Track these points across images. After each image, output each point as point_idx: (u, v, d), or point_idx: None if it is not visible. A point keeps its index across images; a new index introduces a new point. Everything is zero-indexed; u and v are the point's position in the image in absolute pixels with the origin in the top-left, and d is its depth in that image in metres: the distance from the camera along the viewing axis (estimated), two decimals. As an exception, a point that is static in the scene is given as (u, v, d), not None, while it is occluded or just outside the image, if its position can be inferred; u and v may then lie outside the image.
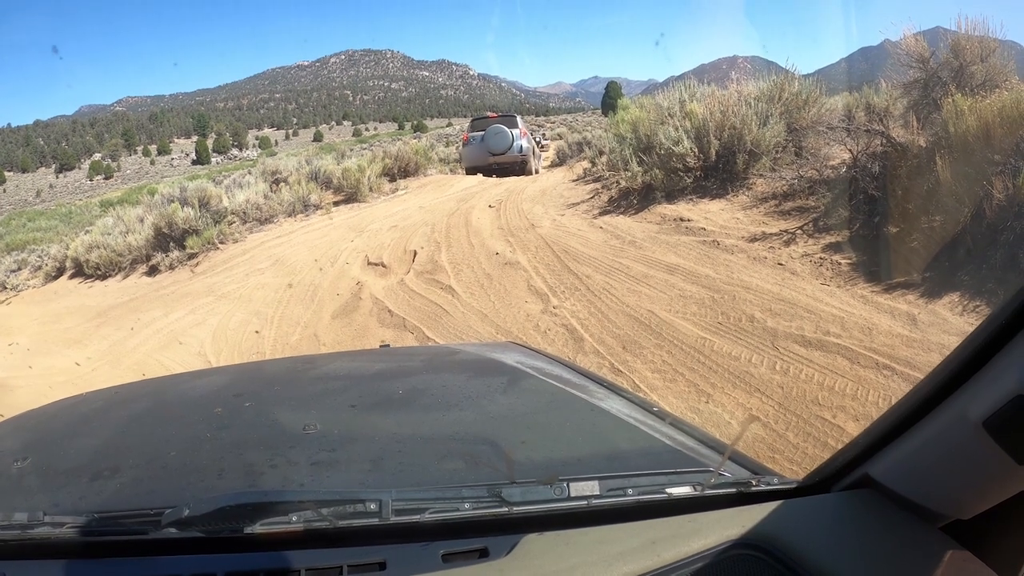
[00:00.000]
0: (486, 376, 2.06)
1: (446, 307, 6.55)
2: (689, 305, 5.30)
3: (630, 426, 1.57)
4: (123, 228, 14.19)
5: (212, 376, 2.64)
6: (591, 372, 2.07)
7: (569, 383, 1.88)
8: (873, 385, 3.86)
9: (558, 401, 1.77)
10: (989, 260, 4.64)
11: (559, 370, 2.04)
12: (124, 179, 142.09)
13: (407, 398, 1.81)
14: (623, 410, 1.66)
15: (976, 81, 6.42)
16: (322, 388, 2.01)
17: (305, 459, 1.41)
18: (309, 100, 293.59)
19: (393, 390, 1.91)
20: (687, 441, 1.49)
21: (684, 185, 7.93)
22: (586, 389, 1.83)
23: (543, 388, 1.86)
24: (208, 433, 1.63)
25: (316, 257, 9.79)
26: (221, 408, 1.83)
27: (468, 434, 1.57)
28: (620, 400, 1.75)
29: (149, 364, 7.06)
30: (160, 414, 1.92)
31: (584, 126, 45.41)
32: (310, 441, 1.49)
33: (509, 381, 1.95)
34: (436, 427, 1.62)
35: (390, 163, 16.64)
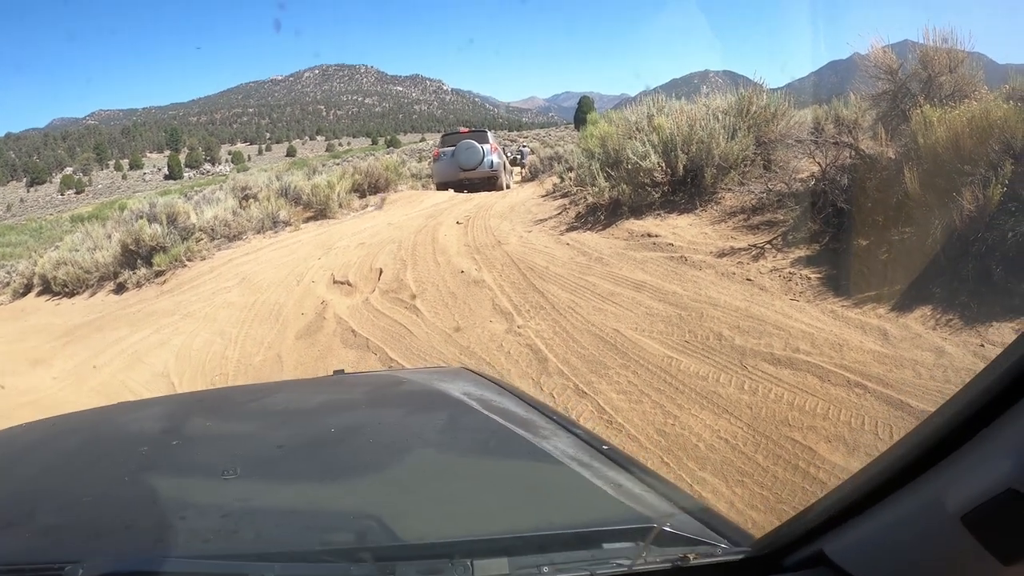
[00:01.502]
0: (425, 412, 1.97)
1: (410, 327, 6.41)
2: (656, 323, 5.18)
3: (570, 472, 1.43)
4: (91, 244, 13.96)
5: (148, 409, 2.54)
6: (541, 404, 1.95)
7: (514, 418, 1.77)
8: (844, 404, 3.75)
9: (496, 442, 1.66)
10: (961, 272, 4.56)
11: (507, 402, 1.93)
12: (95, 194, 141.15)
13: (337, 438, 1.72)
14: (568, 450, 1.53)
15: (945, 92, 6.39)
16: (255, 425, 1.95)
17: (216, 510, 1.31)
18: (283, 115, 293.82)
19: (326, 429, 1.81)
20: (634, 488, 1.35)
21: (652, 200, 7.83)
22: (532, 425, 1.71)
23: (483, 426, 1.75)
24: (127, 477, 1.54)
25: (282, 275, 9.65)
26: (148, 447, 1.75)
27: (382, 491, 1.45)
28: (567, 437, 1.62)
29: (113, 385, 6.90)
30: (87, 453, 1.83)
31: (557, 141, 45.55)
32: (227, 489, 1.41)
33: (448, 418, 1.87)
34: (352, 479, 1.50)
35: (360, 179, 16.57)
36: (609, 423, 4.07)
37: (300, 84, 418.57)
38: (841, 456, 3.36)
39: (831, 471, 3.27)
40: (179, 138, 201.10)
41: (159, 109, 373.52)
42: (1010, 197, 4.51)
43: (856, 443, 3.43)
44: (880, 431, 3.47)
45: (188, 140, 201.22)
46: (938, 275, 4.68)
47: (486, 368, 5.14)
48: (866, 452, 3.35)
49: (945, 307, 4.45)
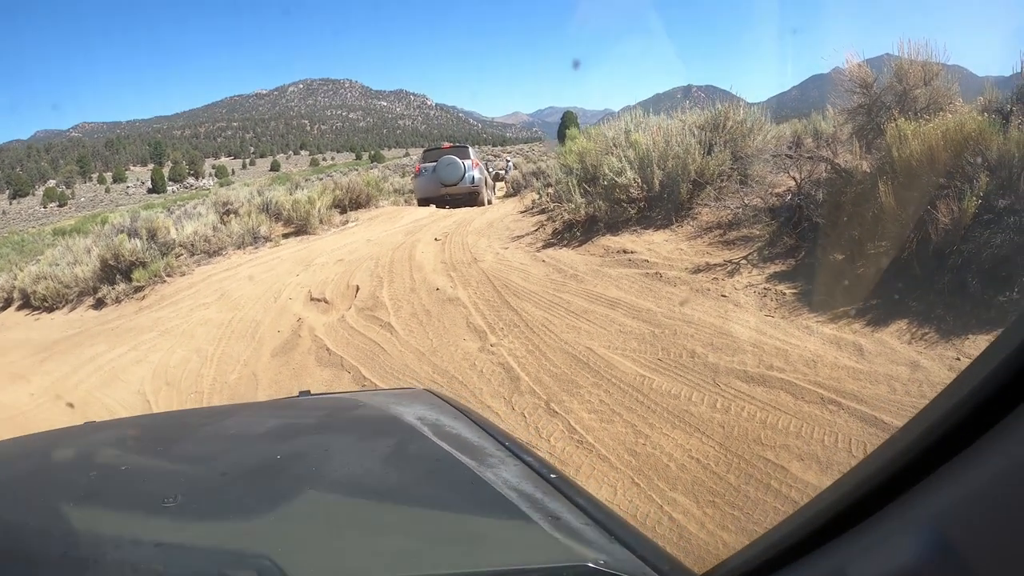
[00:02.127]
0: (373, 439, 1.92)
1: (384, 345, 6.31)
2: (629, 341, 5.10)
3: (509, 506, 1.36)
4: (71, 259, 13.92)
5: (105, 432, 2.43)
6: (495, 429, 1.89)
7: (463, 444, 1.72)
8: (818, 421, 3.68)
9: (438, 473, 1.60)
10: (937, 285, 4.55)
11: (460, 426, 1.89)
12: (78, 207, 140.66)
13: (280, 467, 1.66)
14: (511, 479, 1.47)
15: (920, 104, 6.39)
16: (204, 450, 1.90)
17: (151, 540, 1.27)
18: (267, 129, 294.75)
19: (272, 455, 1.75)
20: (574, 521, 1.29)
21: (628, 216, 7.79)
22: (480, 452, 1.67)
23: (430, 453, 1.70)
24: (72, 503, 1.50)
25: (260, 292, 9.58)
26: (97, 472, 1.72)
27: (308, 525, 1.38)
28: (515, 466, 1.57)
29: (91, 402, 6.81)
30: (38, 478, 1.79)
31: (540, 156, 45.74)
32: (165, 517, 1.36)
33: (395, 445, 1.81)
34: (284, 511, 1.44)
35: (341, 195, 16.55)
36: (580, 443, 3.99)
37: (285, 98, 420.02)
38: (814, 475, 3.30)
39: (803, 490, 3.20)
40: (163, 152, 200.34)
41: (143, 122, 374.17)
42: (985, 209, 4.50)
43: (830, 461, 3.37)
44: (854, 449, 3.41)
45: (172, 154, 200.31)
46: (914, 288, 4.66)
47: (458, 387, 5.08)
48: (839, 470, 3.29)
49: (921, 321, 4.42)
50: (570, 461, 3.85)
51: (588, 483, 3.61)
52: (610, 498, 3.47)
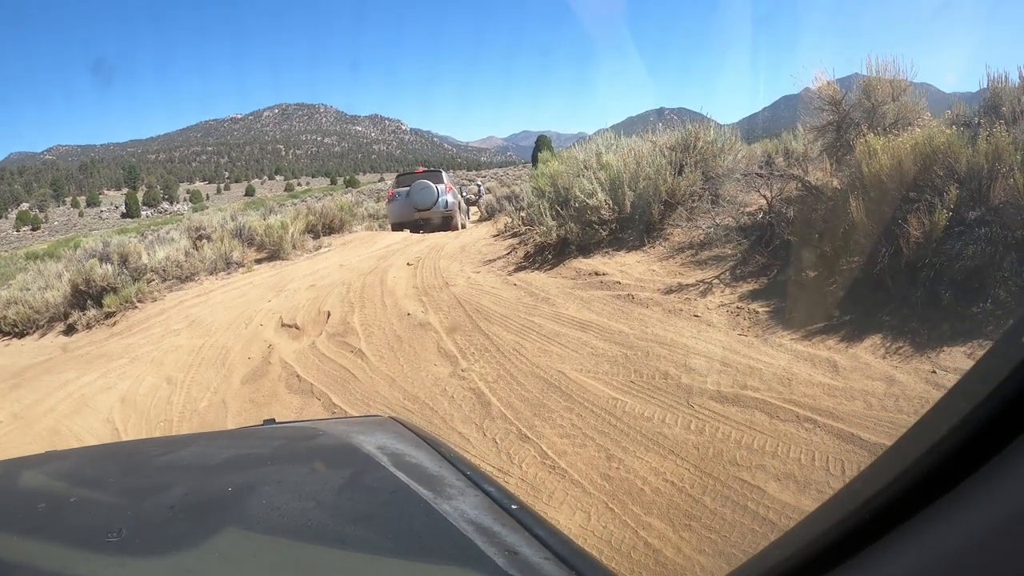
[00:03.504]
0: (329, 470, 1.86)
1: (355, 372, 6.22)
2: (601, 364, 5.03)
3: (463, 539, 1.29)
4: (43, 283, 13.70)
5: (61, 462, 2.36)
6: (457, 458, 1.82)
7: (422, 475, 1.66)
8: (794, 440, 3.62)
9: (392, 504, 1.52)
10: (910, 298, 4.54)
11: (421, 456, 1.83)
12: (52, 231, 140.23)
13: (230, 500, 1.60)
14: (469, 511, 1.41)
15: (888, 120, 6.45)
16: (157, 481, 1.83)
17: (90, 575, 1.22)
18: (242, 154, 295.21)
19: (223, 488, 1.70)
20: (532, 556, 1.22)
21: (600, 238, 7.76)
22: (439, 482, 1.60)
23: (385, 485, 1.62)
24: (16, 535, 1.45)
25: (232, 318, 9.46)
26: (46, 504, 1.66)
27: (246, 568, 1.31)
28: (475, 496, 1.51)
29: (60, 430, 6.65)
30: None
31: (514, 180, 45.99)
32: (106, 553, 1.30)
33: (350, 477, 1.75)
34: (225, 548, 1.37)
35: (314, 220, 16.46)
36: (552, 468, 3.91)
37: (260, 123, 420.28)
38: (791, 495, 3.23)
39: (781, 511, 3.13)
40: (137, 176, 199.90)
41: (118, 146, 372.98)
42: (956, 221, 4.52)
43: (807, 480, 3.30)
44: (831, 467, 3.35)
45: (146, 178, 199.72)
46: (887, 303, 4.66)
47: (429, 413, 5.00)
48: (817, 489, 3.23)
49: (895, 335, 4.41)
50: (543, 487, 3.76)
51: (561, 509, 3.53)
52: (584, 524, 3.39)
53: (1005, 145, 4.59)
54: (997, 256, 4.27)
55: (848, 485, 0.77)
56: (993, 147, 4.63)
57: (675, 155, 8.15)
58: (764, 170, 7.61)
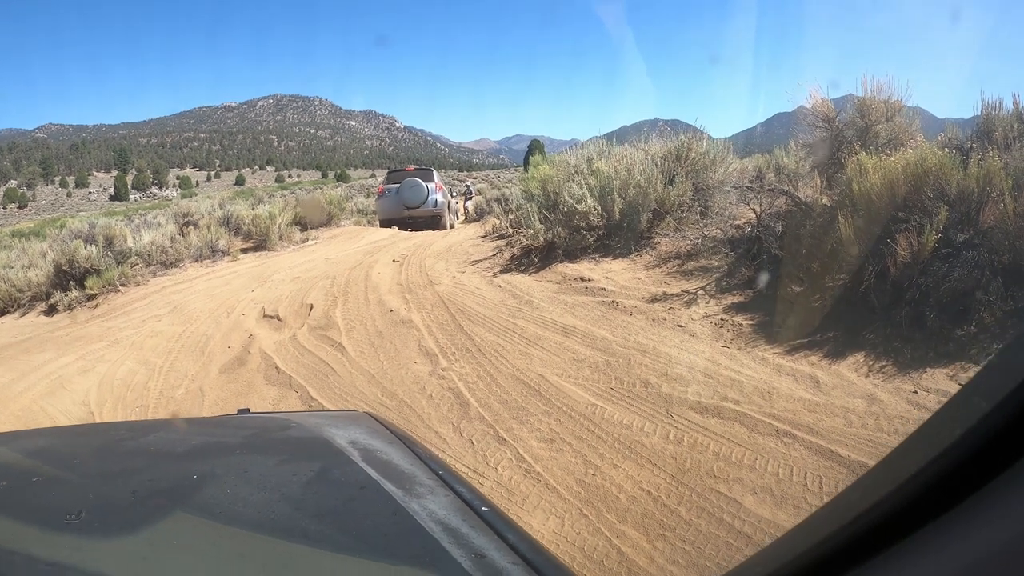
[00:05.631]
0: (298, 462, 1.81)
1: (334, 366, 6.18)
2: (582, 369, 5.01)
3: (429, 539, 1.26)
4: (26, 262, 13.57)
5: (28, 440, 2.34)
6: (429, 456, 1.79)
7: (393, 472, 1.63)
8: (772, 454, 3.60)
9: (360, 499, 1.50)
10: (894, 318, 4.53)
11: (393, 452, 1.80)
12: (39, 210, 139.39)
13: (193, 487, 1.57)
14: (438, 512, 1.38)
15: (881, 140, 6.47)
16: (122, 465, 1.80)
17: (47, 557, 1.19)
18: (234, 142, 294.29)
19: (188, 475, 1.66)
20: (499, 560, 1.19)
21: (587, 244, 7.76)
22: (410, 480, 1.58)
23: (354, 480, 1.60)
24: None
25: (214, 306, 9.40)
26: (8, 482, 1.63)
27: (206, 557, 1.27)
28: (445, 497, 1.48)
29: (34, 411, 6.58)
30: None
31: (505, 182, 46.04)
32: (63, 535, 1.28)
33: (319, 470, 1.70)
34: (181, 538, 1.34)
35: (302, 212, 16.38)
36: (528, 472, 3.87)
37: (254, 112, 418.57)
38: (768, 509, 3.20)
39: (756, 524, 3.10)
40: (128, 159, 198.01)
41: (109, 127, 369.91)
42: (944, 243, 4.51)
43: (784, 495, 3.28)
44: (809, 482, 3.33)
45: (137, 162, 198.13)
46: (872, 321, 4.66)
47: (407, 411, 4.95)
48: (793, 504, 3.20)
49: (878, 354, 4.40)
50: (517, 491, 3.73)
51: (535, 514, 3.50)
52: (557, 530, 3.35)
53: (996, 170, 4.60)
54: (983, 280, 4.26)
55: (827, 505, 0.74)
56: (985, 171, 4.63)
57: (667, 165, 8.15)
58: (755, 184, 7.61)
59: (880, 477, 0.72)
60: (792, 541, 0.83)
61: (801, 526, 0.84)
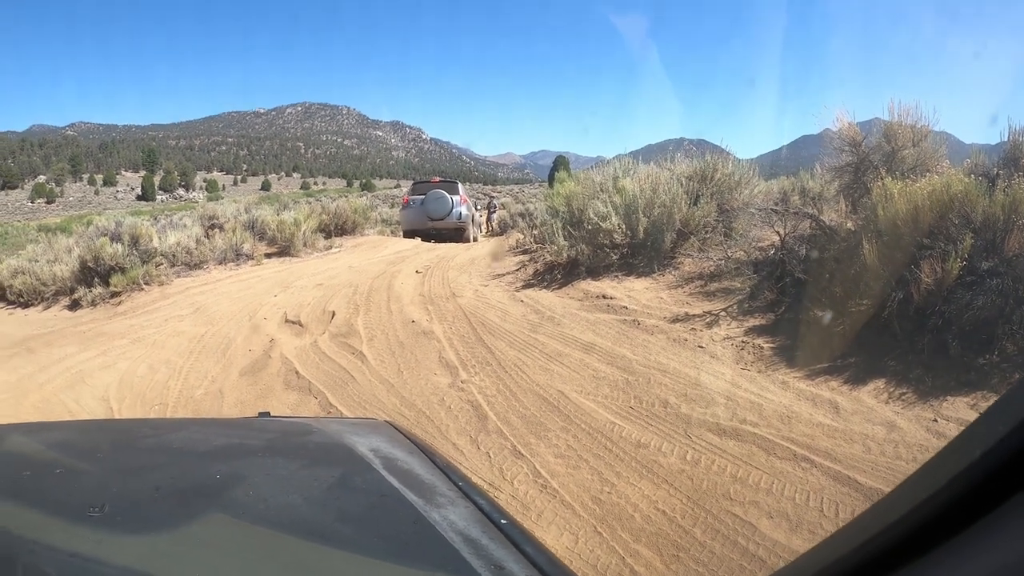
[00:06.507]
0: (320, 467, 1.84)
1: (354, 373, 6.21)
2: (602, 387, 5.01)
3: (449, 549, 1.27)
4: (52, 256, 13.81)
5: (50, 432, 2.38)
6: (450, 467, 1.80)
7: (414, 482, 1.63)
8: (789, 478, 3.59)
9: (382, 507, 1.52)
10: (916, 345, 4.52)
11: (414, 462, 1.80)
12: (66, 205, 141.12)
13: (218, 487, 1.59)
14: (458, 522, 1.39)
15: (907, 165, 6.43)
16: (144, 462, 1.83)
17: (68, 548, 1.22)
18: (261, 148, 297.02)
19: (211, 474, 1.68)
20: (518, 572, 1.20)
21: (610, 262, 7.78)
22: (430, 490, 1.58)
23: (375, 488, 1.62)
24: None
25: (236, 309, 9.47)
26: (31, 472, 1.68)
27: (229, 555, 1.30)
28: (465, 508, 1.49)
29: (53, 403, 6.66)
30: None
31: (529, 197, 46.06)
32: (86, 527, 1.30)
33: (341, 477, 1.72)
34: (205, 535, 1.37)
35: (327, 220, 16.58)
36: (544, 487, 3.88)
37: (282, 119, 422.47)
38: (783, 533, 3.19)
39: (771, 548, 3.09)
40: (156, 160, 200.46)
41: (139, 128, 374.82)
42: (968, 271, 4.49)
43: (799, 520, 3.27)
44: (825, 508, 3.32)
45: (165, 163, 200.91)
46: (893, 348, 4.64)
47: (425, 422, 4.97)
48: (809, 529, 3.19)
49: (899, 380, 4.38)
50: (532, 505, 3.73)
51: (549, 529, 3.50)
52: (571, 546, 3.36)
53: (1023, 197, 4.57)
54: (1007, 308, 4.24)
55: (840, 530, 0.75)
56: (1011, 198, 4.61)
57: (692, 185, 8.15)
58: (779, 207, 7.59)
59: (897, 498, 0.74)
60: (806, 562, 0.84)
61: (813, 550, 0.86)
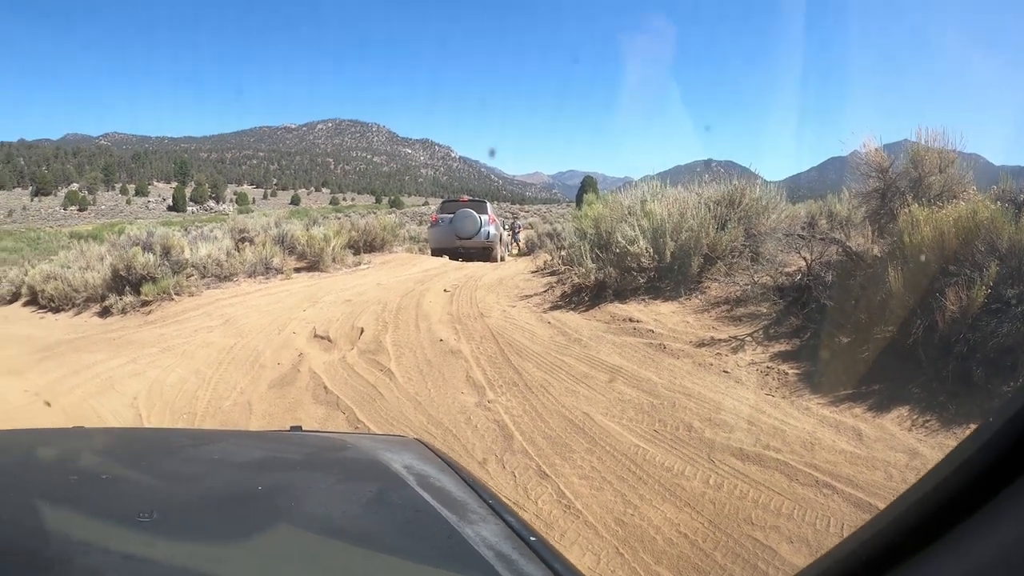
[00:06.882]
0: (357, 482, 1.91)
1: (382, 390, 6.29)
2: (627, 410, 5.06)
3: (483, 563, 1.33)
4: (83, 264, 14.13)
5: (92, 438, 2.48)
6: (480, 486, 1.86)
7: (447, 498, 1.69)
8: (811, 504, 3.62)
9: (418, 522, 1.57)
10: (941, 373, 4.50)
11: (446, 480, 1.86)
12: (98, 213, 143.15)
13: (259, 497, 1.66)
14: (490, 538, 1.44)
15: (934, 191, 6.43)
16: (188, 471, 1.91)
17: (120, 551, 1.27)
18: (291, 163, 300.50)
19: (253, 485, 1.77)
20: None
21: (637, 285, 7.81)
22: (462, 507, 1.64)
23: (410, 503, 1.66)
24: (47, 504, 1.50)
25: (266, 322, 9.60)
26: (77, 477, 1.75)
27: (277, 561, 1.36)
28: (496, 524, 1.54)
29: (82, 408, 6.79)
30: (17, 473, 1.81)
31: (557, 218, 46.08)
32: (137, 531, 1.35)
33: (378, 492, 1.79)
34: (254, 542, 1.43)
35: (356, 236, 16.78)
36: (567, 508, 3.93)
37: (312, 135, 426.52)
38: (803, 558, 3.23)
39: (790, 573, 3.12)
40: (187, 171, 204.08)
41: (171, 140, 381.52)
42: (994, 298, 4.49)
43: (820, 545, 3.30)
44: (846, 533, 3.34)
45: (196, 175, 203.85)
46: (918, 375, 4.63)
47: (451, 440, 5.04)
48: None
49: (923, 408, 4.37)
50: (556, 525, 3.79)
51: (572, 549, 3.56)
52: (592, 566, 3.41)
53: (1050, 224, 4.59)
54: (1032, 337, 4.25)
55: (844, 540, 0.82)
56: (1036, 226, 4.62)
57: (720, 209, 8.18)
58: (806, 231, 7.61)
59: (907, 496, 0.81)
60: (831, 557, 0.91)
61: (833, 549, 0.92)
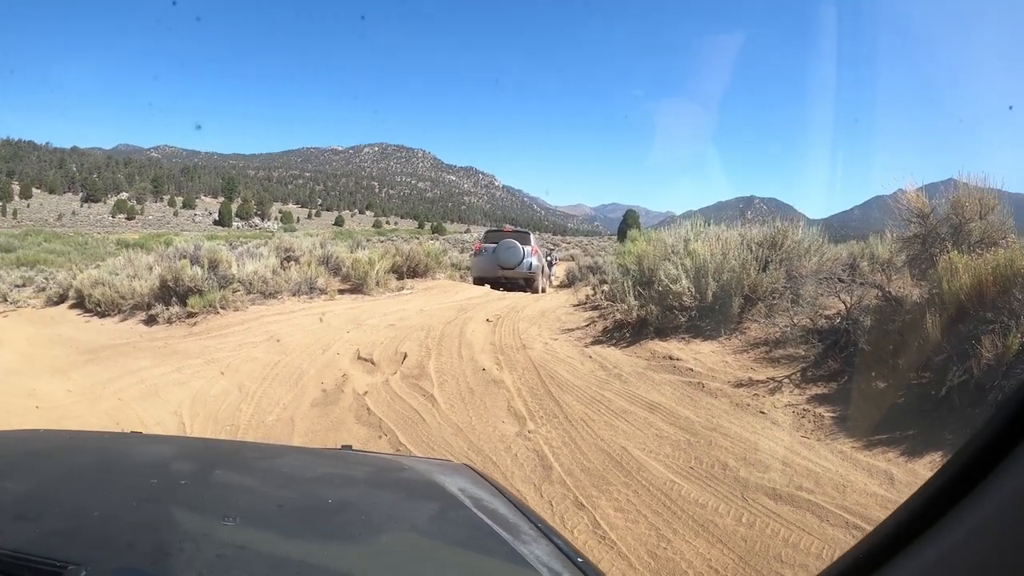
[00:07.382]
0: (418, 501, 2.03)
1: (424, 415, 6.43)
2: (664, 446, 5.17)
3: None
4: (131, 272, 14.36)
5: (161, 445, 2.69)
6: (529, 510, 1.99)
7: (500, 520, 1.82)
8: (841, 545, 3.69)
9: (478, 539, 1.70)
10: (974, 420, 4.53)
11: (498, 503, 1.98)
12: (145, 224, 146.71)
13: (333, 509, 1.80)
14: (542, 558, 1.57)
15: (974, 238, 6.44)
16: (259, 482, 2.06)
17: (213, 550, 1.40)
18: (337, 184, 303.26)
19: (324, 498, 1.90)
20: None
21: (678, 323, 7.90)
22: (515, 529, 1.76)
23: (468, 522, 1.80)
24: (135, 502, 1.67)
25: (309, 342, 9.74)
26: (158, 480, 1.88)
27: (359, 565, 1.51)
28: (546, 545, 1.67)
29: (125, 412, 7.01)
30: (100, 472, 1.98)
31: (598, 250, 45.84)
32: (225, 532, 1.50)
33: (438, 510, 1.92)
34: (336, 548, 1.57)
35: (400, 261, 16.88)
36: (602, 539, 4.05)
37: (359, 158, 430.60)
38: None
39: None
40: (234, 187, 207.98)
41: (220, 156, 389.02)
42: (1029, 347, 4.51)
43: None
44: None
45: (243, 191, 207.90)
46: (951, 421, 4.65)
47: (491, 467, 5.15)
48: (856, 598, 3.30)
49: (956, 455, 4.39)
50: (590, 554, 3.85)
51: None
52: (625, 596, 3.51)
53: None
54: (1065, 387, 4.26)
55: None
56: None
57: (762, 251, 8.24)
58: (846, 274, 7.65)
59: None
60: None
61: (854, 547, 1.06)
